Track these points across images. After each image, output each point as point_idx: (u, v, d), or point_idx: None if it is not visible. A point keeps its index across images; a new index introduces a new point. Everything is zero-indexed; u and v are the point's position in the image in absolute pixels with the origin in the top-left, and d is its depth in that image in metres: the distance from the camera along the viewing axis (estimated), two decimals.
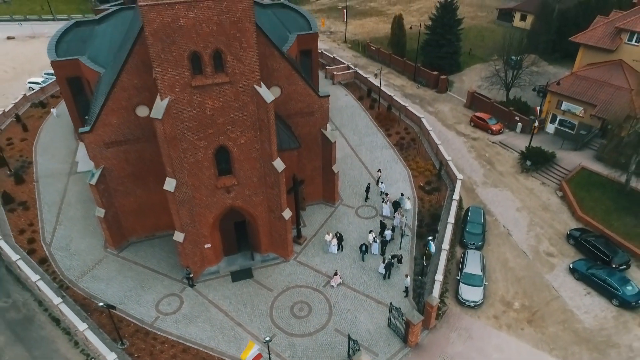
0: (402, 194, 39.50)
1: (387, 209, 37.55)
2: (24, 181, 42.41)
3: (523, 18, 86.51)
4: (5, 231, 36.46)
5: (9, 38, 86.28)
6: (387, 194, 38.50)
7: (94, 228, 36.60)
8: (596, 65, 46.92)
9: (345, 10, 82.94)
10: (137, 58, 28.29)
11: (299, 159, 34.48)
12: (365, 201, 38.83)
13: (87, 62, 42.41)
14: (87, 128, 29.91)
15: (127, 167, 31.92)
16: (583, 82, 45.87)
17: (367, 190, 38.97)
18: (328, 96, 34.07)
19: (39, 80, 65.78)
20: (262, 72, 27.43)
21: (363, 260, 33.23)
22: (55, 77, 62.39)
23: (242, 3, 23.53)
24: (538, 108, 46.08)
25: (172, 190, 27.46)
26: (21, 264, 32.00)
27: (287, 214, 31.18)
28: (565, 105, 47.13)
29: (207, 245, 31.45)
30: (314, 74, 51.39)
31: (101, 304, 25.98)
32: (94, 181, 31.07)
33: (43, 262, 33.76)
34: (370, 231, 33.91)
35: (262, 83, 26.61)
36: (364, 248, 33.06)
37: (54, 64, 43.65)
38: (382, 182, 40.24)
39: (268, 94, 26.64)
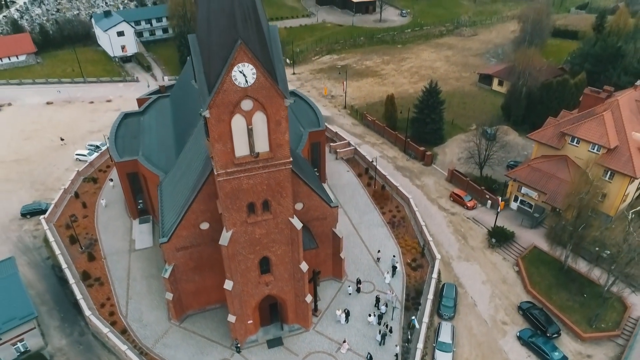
0: (394, 256, 52.11)
1: (389, 277, 49.32)
2: (94, 258, 53.52)
3: (500, 83, 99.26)
4: (89, 305, 47.48)
5: (48, 103, 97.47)
6: (360, 282, 48.85)
7: (157, 302, 47.78)
8: (548, 158, 58.88)
9: (344, 82, 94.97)
10: (205, 192, 39.88)
11: (316, 252, 45.98)
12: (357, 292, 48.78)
13: (144, 162, 54.09)
14: (165, 239, 41.22)
15: (190, 263, 43.28)
16: (537, 173, 57.82)
17: (358, 282, 49.34)
18: (337, 206, 45.76)
19: (85, 152, 76.76)
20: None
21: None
22: (102, 148, 74.36)
23: (283, 173, 35.22)
24: (499, 199, 57.80)
25: (230, 289, 38.86)
26: (111, 335, 43.07)
27: (309, 298, 42.62)
28: (524, 189, 58.98)
29: (250, 322, 42.71)
30: (321, 159, 63.24)
31: None
32: (167, 275, 42.37)
33: (124, 332, 44.81)
34: (370, 315, 45.16)
35: (294, 215, 38.18)
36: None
37: (117, 164, 55.11)
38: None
39: (298, 223, 38.21)
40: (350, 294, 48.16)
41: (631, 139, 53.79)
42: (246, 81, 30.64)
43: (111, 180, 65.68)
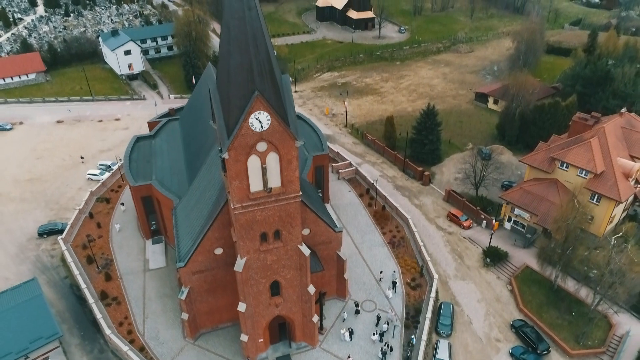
0: (394, 271, 55.97)
1: (391, 293, 53.02)
2: (111, 278, 56.52)
3: (495, 102, 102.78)
4: (108, 323, 50.46)
5: (58, 122, 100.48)
6: (358, 305, 51.92)
7: (172, 321, 50.81)
8: (539, 180, 62.23)
9: (345, 102, 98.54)
10: (219, 221, 43.09)
11: (322, 274, 49.12)
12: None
13: (158, 186, 57.11)
14: (182, 264, 44.34)
15: (204, 285, 46.38)
16: (528, 195, 61.13)
17: (357, 305, 52.45)
18: (341, 231, 48.99)
19: (97, 172, 79.67)
20: None
21: None
22: (113, 168, 77.24)
23: (293, 205, 38.49)
24: (493, 220, 61.11)
25: (244, 311, 41.98)
26: (130, 353, 46.07)
27: (315, 318, 45.73)
28: (517, 210, 62.27)
29: (260, 340, 45.75)
30: (325, 181, 66.55)
31: None
32: (183, 297, 45.45)
33: (142, 350, 47.78)
34: (373, 333, 48.22)
35: (302, 243, 41.37)
36: None
37: (133, 188, 58.24)
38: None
39: (306, 250, 41.41)
40: (344, 320, 50.67)
41: (616, 164, 57.20)
42: (261, 126, 33.96)
43: (122, 204, 68.56)
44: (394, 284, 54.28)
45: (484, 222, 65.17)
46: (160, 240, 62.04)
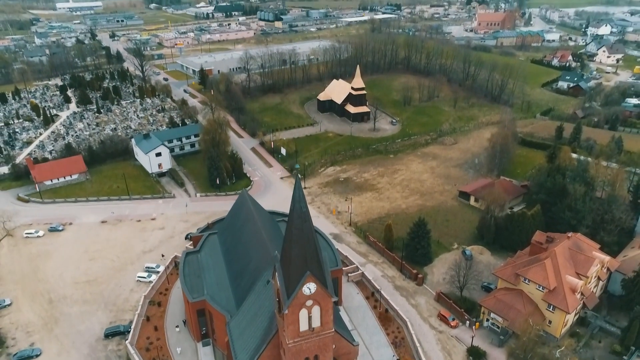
0: (393, 356, 70.19)
1: None
2: None
3: (477, 200, 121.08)
4: None
5: (102, 222, 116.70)
6: None
7: None
8: (509, 290, 79.03)
9: (349, 206, 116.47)
10: (271, 344, 58.94)
11: None
12: None
13: (211, 302, 72.77)
14: None
15: None
16: (500, 303, 77.73)
17: None
18: (358, 344, 64.92)
19: (144, 274, 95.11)
20: None
21: None
22: (159, 271, 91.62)
23: (328, 338, 54.68)
24: (474, 327, 77.36)
25: None
26: None
27: None
28: (492, 314, 78.62)
29: None
30: (339, 289, 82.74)
31: None
32: None
33: None
34: None
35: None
36: None
37: (191, 304, 74.04)
38: None
39: None
40: None
41: (565, 281, 74.30)
42: (310, 291, 50.75)
43: (177, 326, 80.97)
44: None
45: (468, 322, 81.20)
46: (209, 343, 77.02)
